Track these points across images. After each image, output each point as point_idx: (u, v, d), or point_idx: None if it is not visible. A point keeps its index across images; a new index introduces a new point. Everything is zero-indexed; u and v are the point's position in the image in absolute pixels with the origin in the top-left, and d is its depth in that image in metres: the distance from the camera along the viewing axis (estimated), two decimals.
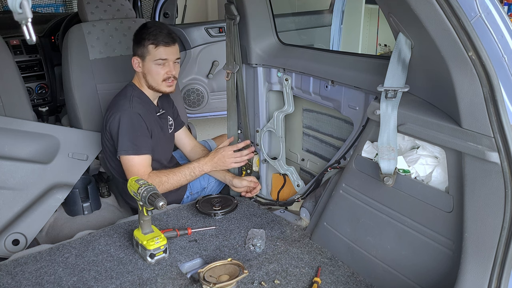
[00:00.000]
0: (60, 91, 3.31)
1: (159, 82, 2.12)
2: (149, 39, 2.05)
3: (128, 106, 2.06)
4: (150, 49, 2.06)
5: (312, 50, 2.11)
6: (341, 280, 1.62)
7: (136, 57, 2.11)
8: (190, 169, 2.15)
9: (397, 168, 1.44)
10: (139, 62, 2.11)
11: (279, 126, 2.14)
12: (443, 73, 1.22)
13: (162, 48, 2.07)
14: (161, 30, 2.07)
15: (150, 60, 2.08)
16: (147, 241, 1.68)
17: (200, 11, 6.63)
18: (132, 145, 2.03)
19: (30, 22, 0.83)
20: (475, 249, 1.23)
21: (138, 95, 2.14)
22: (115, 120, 2.04)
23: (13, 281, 1.59)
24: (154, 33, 2.06)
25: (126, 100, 2.09)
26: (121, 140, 2.03)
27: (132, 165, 2.03)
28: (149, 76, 2.11)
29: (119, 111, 2.05)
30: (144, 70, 2.11)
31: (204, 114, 3.79)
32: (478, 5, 1.13)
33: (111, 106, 2.13)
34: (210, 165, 2.18)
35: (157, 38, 2.05)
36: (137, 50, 2.10)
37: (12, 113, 2.22)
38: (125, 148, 2.02)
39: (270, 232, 1.91)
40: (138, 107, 2.08)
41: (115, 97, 2.17)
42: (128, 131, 2.03)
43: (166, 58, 2.08)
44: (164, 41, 2.06)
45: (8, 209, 2.15)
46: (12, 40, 3.16)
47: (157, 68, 2.09)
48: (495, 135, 1.14)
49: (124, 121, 2.03)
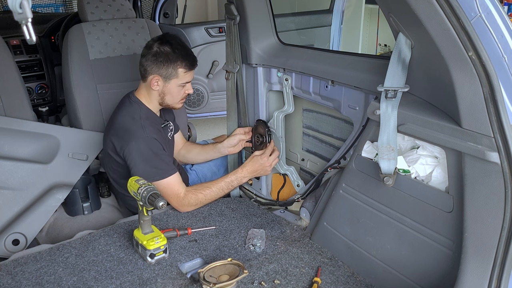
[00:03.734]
0: (60, 91, 3.31)
1: (177, 101, 2.11)
2: (180, 63, 2.00)
3: (142, 133, 1.97)
4: (179, 73, 2.01)
5: (312, 50, 2.11)
6: (341, 280, 1.62)
7: (157, 76, 2.01)
8: (227, 183, 2.09)
9: (397, 168, 1.44)
10: (158, 81, 2.02)
11: (279, 126, 2.14)
12: (443, 73, 1.22)
13: (190, 73, 2.06)
14: (188, 51, 2.04)
15: (175, 83, 2.03)
16: (147, 241, 1.68)
17: (200, 11, 6.63)
18: (156, 171, 1.96)
19: (30, 22, 0.83)
20: (475, 249, 1.23)
21: (146, 115, 2.06)
22: (130, 149, 1.95)
23: (13, 281, 1.59)
24: (183, 56, 2.01)
25: (137, 125, 1.99)
26: (143, 169, 1.94)
27: (164, 188, 1.95)
28: (169, 96, 2.07)
29: (133, 140, 1.95)
30: (165, 90, 2.05)
31: (204, 114, 3.79)
32: (478, 5, 1.13)
33: (120, 133, 2.01)
34: (249, 176, 2.13)
35: (188, 62, 2.02)
36: (159, 70, 2.00)
37: (12, 113, 2.22)
38: (149, 176, 1.90)
39: (270, 232, 1.91)
40: (151, 131, 2.00)
41: (122, 116, 2.04)
42: (148, 159, 1.96)
43: (190, 80, 2.08)
44: (193, 66, 2.05)
45: (8, 209, 2.15)
46: (12, 40, 3.16)
47: (179, 89, 2.06)
48: (495, 135, 1.14)
49: (142, 150, 1.95)
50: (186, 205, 2.02)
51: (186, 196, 2.01)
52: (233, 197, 2.36)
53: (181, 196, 2.00)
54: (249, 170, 2.12)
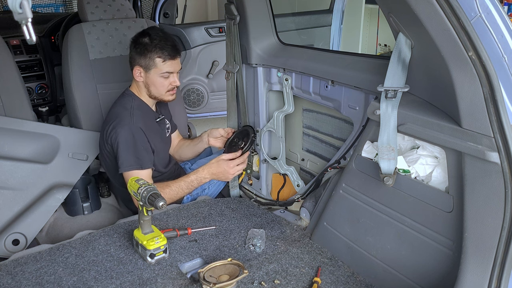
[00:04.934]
0: (60, 91, 3.31)
1: (163, 93, 2.12)
2: (156, 52, 2.02)
3: (129, 120, 2.02)
4: (157, 63, 2.04)
5: (312, 50, 2.11)
6: (341, 280, 1.62)
7: (139, 67, 2.06)
8: (187, 183, 2.09)
9: (397, 168, 1.44)
10: (141, 72, 2.07)
11: (279, 126, 2.14)
12: (443, 73, 1.22)
13: (169, 62, 2.06)
14: (166, 42, 2.05)
15: (155, 73, 2.06)
16: (147, 241, 1.68)
17: (200, 11, 6.63)
18: (135, 160, 1.99)
19: (30, 22, 0.83)
20: (475, 249, 1.23)
21: (138, 106, 2.10)
22: (116, 134, 1.99)
23: (13, 281, 1.59)
24: (160, 46, 2.03)
25: (127, 112, 2.04)
26: (124, 155, 1.98)
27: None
28: (153, 87, 2.10)
29: (120, 125, 2.00)
30: (148, 81, 2.09)
31: (204, 114, 3.79)
32: (478, 5, 1.13)
33: (110, 117, 2.08)
34: (209, 177, 2.12)
35: (164, 52, 2.03)
36: (139, 61, 2.05)
37: (12, 113, 2.22)
38: (129, 164, 1.98)
39: (270, 232, 1.91)
40: (139, 121, 2.04)
41: (114, 107, 2.12)
42: (130, 146, 1.99)
43: (172, 71, 2.09)
44: (171, 55, 2.06)
45: (8, 209, 2.15)
46: (12, 40, 3.16)
47: (162, 80, 2.08)
48: (495, 135, 1.14)
49: (126, 136, 1.99)
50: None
51: None
52: (233, 197, 2.36)
53: None
54: (211, 172, 2.11)
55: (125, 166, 1.99)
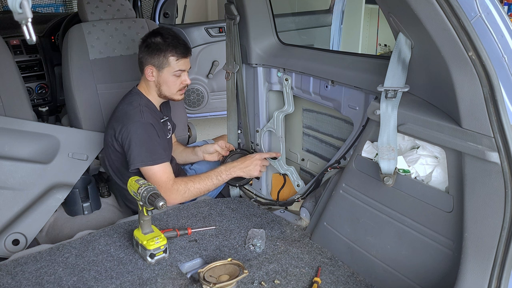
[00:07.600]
0: (60, 91, 3.31)
1: (174, 91, 2.14)
2: (169, 50, 2.05)
3: (140, 117, 2.02)
4: (170, 61, 2.06)
5: (312, 50, 2.11)
6: (341, 280, 1.62)
7: (151, 66, 2.08)
8: (216, 173, 2.10)
9: (397, 168, 1.44)
10: (153, 71, 2.09)
11: (279, 126, 2.14)
12: (443, 73, 1.22)
13: (182, 60, 2.09)
14: (179, 41, 2.09)
15: (168, 72, 2.08)
16: (147, 241, 1.68)
17: (200, 11, 6.64)
18: (149, 155, 1.99)
19: (30, 22, 0.83)
20: (475, 249, 1.23)
21: (146, 104, 2.11)
22: (127, 131, 1.99)
23: (13, 281, 1.59)
24: (174, 45, 2.06)
25: (136, 110, 2.05)
26: (137, 151, 1.98)
27: (154, 174, 1.99)
28: (165, 86, 2.11)
29: (130, 122, 2.00)
30: (160, 80, 2.10)
31: (204, 114, 3.79)
32: (478, 5, 1.13)
33: (119, 115, 2.08)
34: (238, 170, 2.13)
35: (178, 50, 2.06)
36: (151, 60, 2.07)
37: (12, 113, 2.22)
38: (142, 160, 1.98)
39: (270, 232, 1.91)
40: (149, 117, 2.05)
41: (122, 107, 2.11)
42: (143, 142, 1.99)
43: (185, 69, 2.11)
44: (184, 53, 2.09)
45: (8, 209, 2.15)
46: (12, 40, 3.17)
47: (174, 79, 2.10)
48: (495, 135, 1.14)
49: (138, 132, 1.99)
50: (174, 191, 2.00)
51: (175, 183, 2.01)
52: (233, 197, 2.36)
53: (170, 183, 2.00)
54: (240, 161, 2.15)
55: (138, 162, 1.98)
